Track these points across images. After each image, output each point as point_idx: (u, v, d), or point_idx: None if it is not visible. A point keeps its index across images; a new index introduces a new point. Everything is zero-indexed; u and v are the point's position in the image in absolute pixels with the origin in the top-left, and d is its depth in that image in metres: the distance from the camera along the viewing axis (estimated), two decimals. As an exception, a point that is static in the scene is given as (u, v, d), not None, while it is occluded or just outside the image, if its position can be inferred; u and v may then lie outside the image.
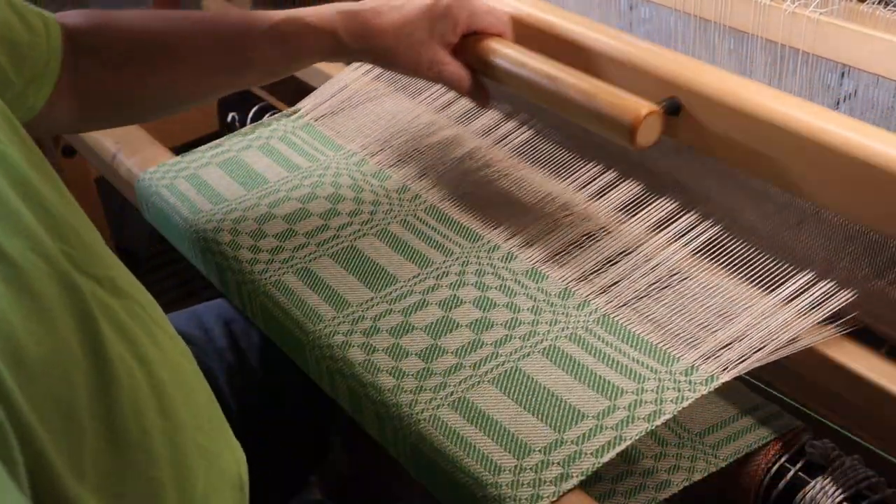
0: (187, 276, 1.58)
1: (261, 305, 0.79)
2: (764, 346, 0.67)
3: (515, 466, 0.62)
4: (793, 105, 0.69)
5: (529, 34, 0.83)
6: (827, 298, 0.69)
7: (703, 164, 0.79)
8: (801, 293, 0.71)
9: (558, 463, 0.62)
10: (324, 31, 0.79)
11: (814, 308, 0.69)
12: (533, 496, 0.60)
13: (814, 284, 0.71)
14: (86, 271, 0.50)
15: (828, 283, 0.70)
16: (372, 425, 0.71)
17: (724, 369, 0.67)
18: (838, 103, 0.77)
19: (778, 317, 0.69)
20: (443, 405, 0.67)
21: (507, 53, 0.79)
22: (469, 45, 0.81)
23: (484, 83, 0.83)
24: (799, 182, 0.69)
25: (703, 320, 0.71)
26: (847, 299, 0.68)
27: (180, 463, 0.52)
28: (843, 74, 0.76)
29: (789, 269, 0.73)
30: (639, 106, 0.71)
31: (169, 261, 1.66)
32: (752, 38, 0.79)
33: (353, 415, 0.73)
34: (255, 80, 0.87)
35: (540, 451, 0.63)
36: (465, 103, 0.97)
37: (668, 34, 0.85)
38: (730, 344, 0.69)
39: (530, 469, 0.62)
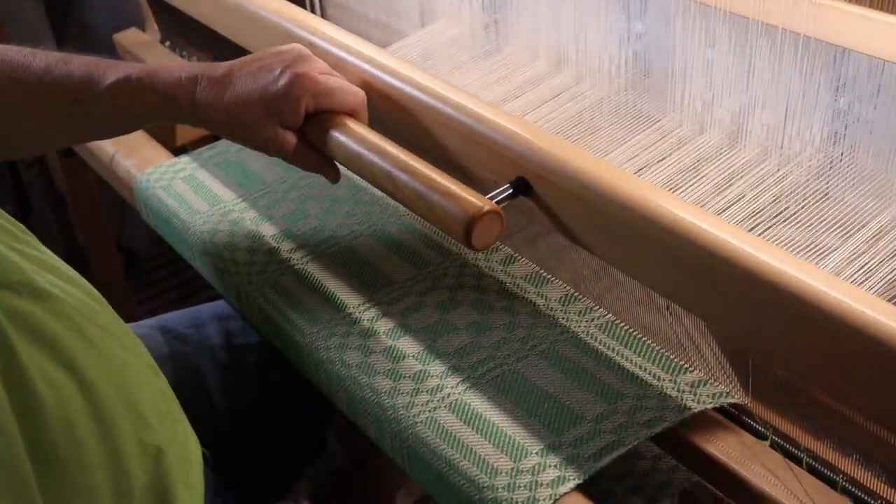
0: (187, 275, 1.59)
1: (258, 307, 0.79)
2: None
3: (512, 469, 0.62)
4: (636, 184, 0.61)
5: (380, 101, 0.76)
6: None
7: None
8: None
9: (555, 466, 0.62)
10: (165, 97, 0.74)
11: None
12: (529, 499, 0.60)
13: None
14: None
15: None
16: (369, 427, 0.70)
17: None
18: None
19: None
20: (440, 407, 0.67)
21: (339, 137, 0.72)
22: (314, 123, 0.73)
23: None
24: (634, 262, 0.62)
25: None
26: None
27: (118, 466, 0.51)
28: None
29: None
30: (472, 207, 0.61)
31: (169, 261, 1.66)
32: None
33: (350, 417, 0.73)
34: (92, 137, 0.90)
35: (537, 453, 0.63)
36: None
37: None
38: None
39: (527, 472, 0.62)
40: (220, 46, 1.03)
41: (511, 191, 0.66)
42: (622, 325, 0.72)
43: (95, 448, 0.49)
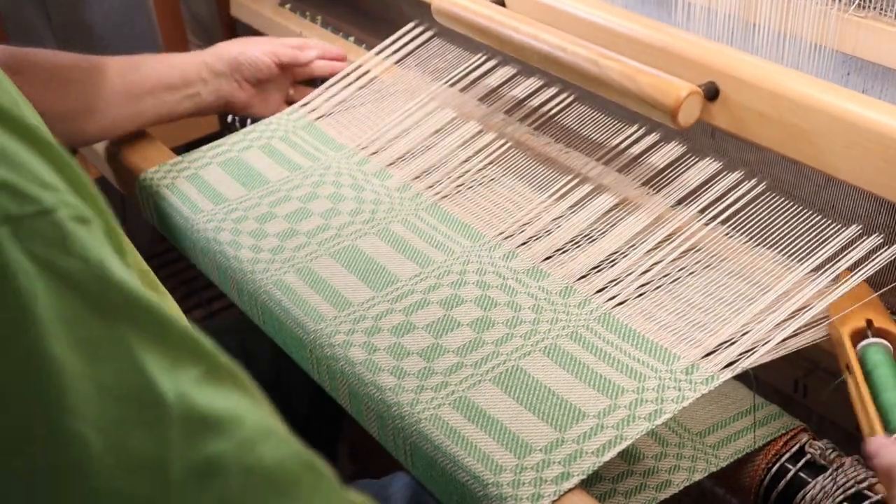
0: (188, 275, 1.59)
1: (262, 305, 0.79)
2: (766, 343, 0.68)
3: (516, 465, 0.62)
4: (826, 89, 0.71)
5: (570, 24, 0.86)
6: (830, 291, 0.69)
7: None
8: (803, 287, 0.71)
9: (559, 462, 0.62)
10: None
11: (820, 300, 0.69)
12: (534, 495, 0.60)
13: (814, 279, 0.71)
14: None
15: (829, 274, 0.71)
16: (372, 424, 0.71)
17: (724, 367, 0.67)
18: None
19: (778, 314, 0.69)
20: (444, 404, 0.67)
21: (548, 39, 0.84)
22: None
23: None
24: (833, 162, 0.70)
25: (705, 317, 0.72)
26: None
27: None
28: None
29: (789, 263, 0.73)
30: (679, 87, 0.74)
31: (170, 260, 1.66)
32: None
33: (354, 414, 0.73)
34: None
35: (541, 450, 0.63)
36: (464, 102, 0.97)
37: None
38: (731, 341, 0.69)
39: (531, 468, 0.62)
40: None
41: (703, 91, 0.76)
42: (618, 316, 0.73)
43: None
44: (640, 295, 0.75)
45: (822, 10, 0.74)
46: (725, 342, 0.69)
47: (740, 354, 0.68)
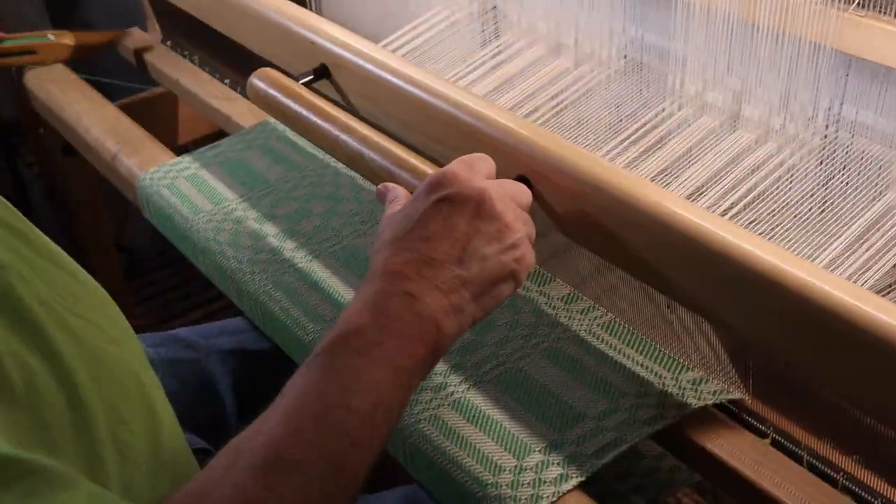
0: (188, 275, 1.59)
1: (262, 305, 0.79)
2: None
3: (515, 466, 0.62)
4: (635, 182, 0.61)
5: (383, 97, 0.76)
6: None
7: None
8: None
9: (558, 463, 0.62)
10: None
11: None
12: (533, 496, 0.60)
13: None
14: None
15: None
16: (372, 425, 0.70)
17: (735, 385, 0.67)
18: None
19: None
20: (443, 405, 0.67)
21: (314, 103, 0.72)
22: None
23: None
24: (639, 260, 0.61)
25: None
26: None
27: (93, 452, 0.50)
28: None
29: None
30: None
31: (170, 260, 1.66)
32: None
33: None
34: None
35: (540, 451, 0.63)
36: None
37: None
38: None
39: (530, 469, 0.62)
40: (222, 45, 1.04)
41: None
42: (624, 323, 0.72)
43: (71, 435, 0.49)
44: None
45: (821, 9, 0.74)
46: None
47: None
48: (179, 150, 1.00)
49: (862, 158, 0.69)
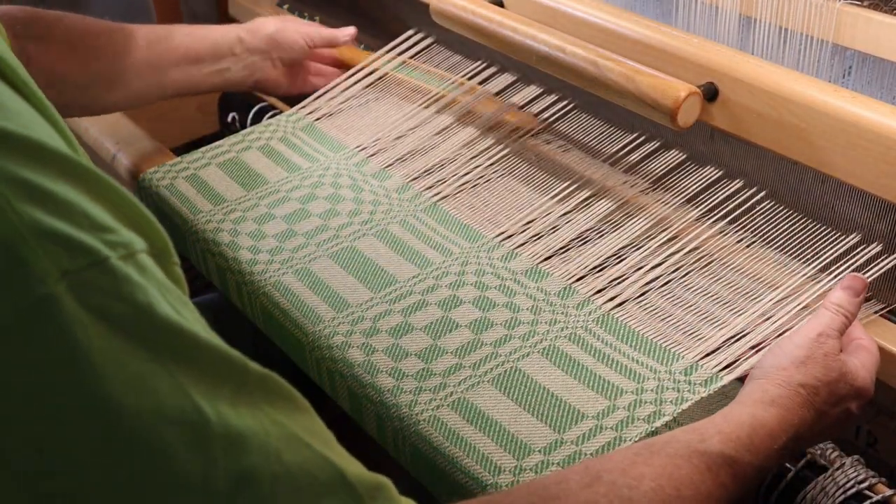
0: (188, 276, 1.58)
1: (260, 306, 0.79)
2: (765, 344, 0.67)
3: (515, 467, 0.62)
4: (825, 89, 0.71)
5: (569, 24, 0.87)
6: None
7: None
8: (804, 290, 0.71)
9: (558, 463, 0.62)
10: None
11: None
12: (532, 497, 0.60)
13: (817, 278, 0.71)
14: None
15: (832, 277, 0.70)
16: (371, 426, 0.70)
17: (724, 368, 0.67)
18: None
19: (781, 313, 0.69)
20: (442, 406, 0.67)
21: (547, 39, 0.83)
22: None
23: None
24: (833, 162, 0.70)
25: (704, 318, 0.71)
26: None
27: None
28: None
29: (795, 263, 0.73)
30: (678, 87, 0.74)
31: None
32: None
33: (352, 414, 0.73)
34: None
35: (540, 451, 0.63)
36: (464, 104, 0.97)
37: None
38: (730, 342, 0.69)
39: (530, 470, 0.62)
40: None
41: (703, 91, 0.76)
42: (618, 317, 0.73)
43: None
44: (640, 296, 0.74)
45: (821, 3, 0.74)
46: (725, 342, 0.69)
47: (740, 355, 0.67)
48: (179, 151, 1.00)
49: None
